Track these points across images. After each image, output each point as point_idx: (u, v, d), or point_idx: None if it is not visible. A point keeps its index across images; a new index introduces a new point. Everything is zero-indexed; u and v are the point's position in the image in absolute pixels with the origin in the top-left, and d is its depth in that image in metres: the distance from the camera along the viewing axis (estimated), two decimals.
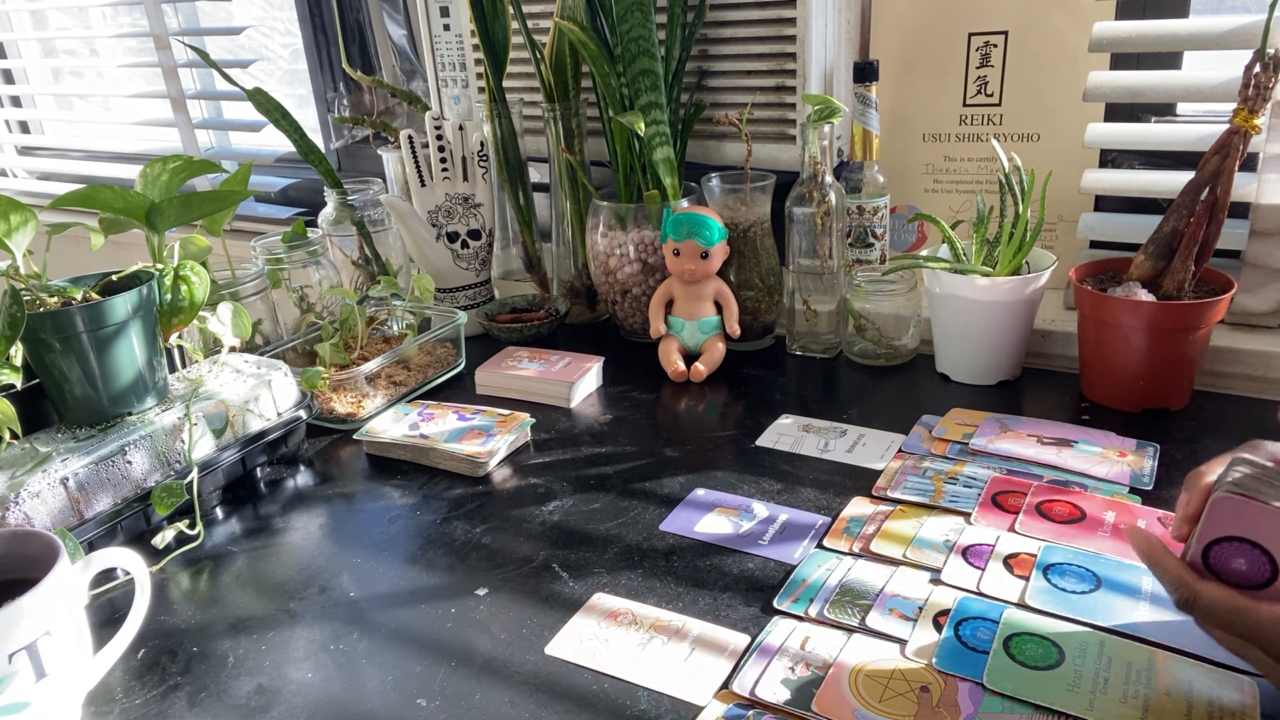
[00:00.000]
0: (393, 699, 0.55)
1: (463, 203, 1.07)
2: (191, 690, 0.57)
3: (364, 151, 1.49)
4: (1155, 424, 0.78)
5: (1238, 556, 0.48)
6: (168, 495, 0.71)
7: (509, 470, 0.80)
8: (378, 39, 1.35)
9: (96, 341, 0.70)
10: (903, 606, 0.58)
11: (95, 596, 0.67)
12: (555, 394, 0.91)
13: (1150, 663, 0.53)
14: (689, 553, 0.67)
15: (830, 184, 0.92)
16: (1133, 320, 0.78)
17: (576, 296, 1.12)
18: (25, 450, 0.69)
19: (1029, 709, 0.50)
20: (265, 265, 1.00)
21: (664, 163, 0.96)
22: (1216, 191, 0.76)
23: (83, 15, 1.86)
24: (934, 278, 0.87)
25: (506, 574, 0.66)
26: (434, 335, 0.97)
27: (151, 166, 0.80)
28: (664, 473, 0.77)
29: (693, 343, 0.96)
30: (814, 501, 0.71)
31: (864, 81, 0.94)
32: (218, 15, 1.71)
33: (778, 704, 0.52)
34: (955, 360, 0.90)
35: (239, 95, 1.04)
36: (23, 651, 0.49)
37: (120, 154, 1.82)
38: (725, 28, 1.03)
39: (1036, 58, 0.95)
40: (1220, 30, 0.82)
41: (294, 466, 0.84)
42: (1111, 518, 0.65)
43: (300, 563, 0.69)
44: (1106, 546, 0.63)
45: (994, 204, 0.90)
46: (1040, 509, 0.67)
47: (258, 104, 1.01)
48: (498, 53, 1.06)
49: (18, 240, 0.69)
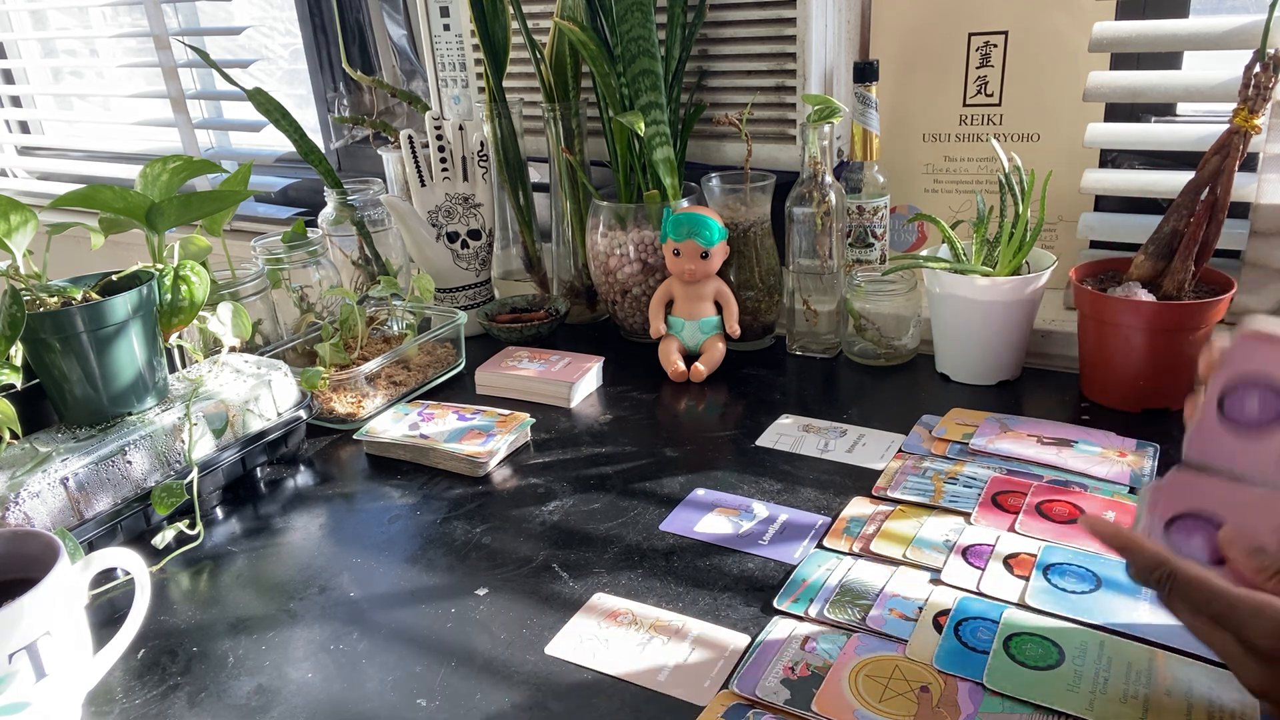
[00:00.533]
0: (393, 699, 0.55)
1: (463, 203, 1.07)
2: (191, 690, 0.57)
3: (364, 151, 1.49)
4: (1155, 424, 0.79)
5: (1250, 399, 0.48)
6: (168, 495, 0.71)
7: (509, 470, 0.80)
8: (378, 39, 1.35)
9: (96, 341, 0.70)
10: (903, 606, 0.58)
11: (95, 596, 0.67)
12: (555, 394, 0.91)
13: (1150, 663, 0.53)
14: (689, 553, 0.67)
15: (830, 184, 0.92)
16: (1133, 320, 0.78)
17: (576, 296, 1.12)
18: (25, 450, 0.69)
19: (1029, 709, 0.50)
20: (265, 265, 1.00)
21: (664, 163, 0.96)
22: (1216, 191, 0.76)
23: (83, 15, 1.86)
24: (934, 278, 0.87)
25: (506, 574, 0.66)
26: (434, 335, 0.97)
27: (151, 166, 0.80)
28: (664, 473, 0.77)
29: (693, 343, 0.96)
30: (814, 501, 0.71)
31: (864, 81, 0.94)
32: (218, 15, 1.71)
33: (778, 704, 0.52)
34: (955, 360, 0.90)
35: (239, 95, 1.04)
36: (23, 651, 0.49)
37: (120, 154, 1.82)
38: (725, 28, 1.03)
39: (1036, 58, 0.95)
40: (1220, 30, 0.82)
41: (294, 466, 0.84)
42: (1111, 518, 0.65)
43: (300, 563, 0.69)
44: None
45: (994, 204, 0.90)
46: (1040, 509, 0.67)
47: (258, 104, 1.01)
48: (498, 53, 1.06)
49: (18, 240, 0.69)
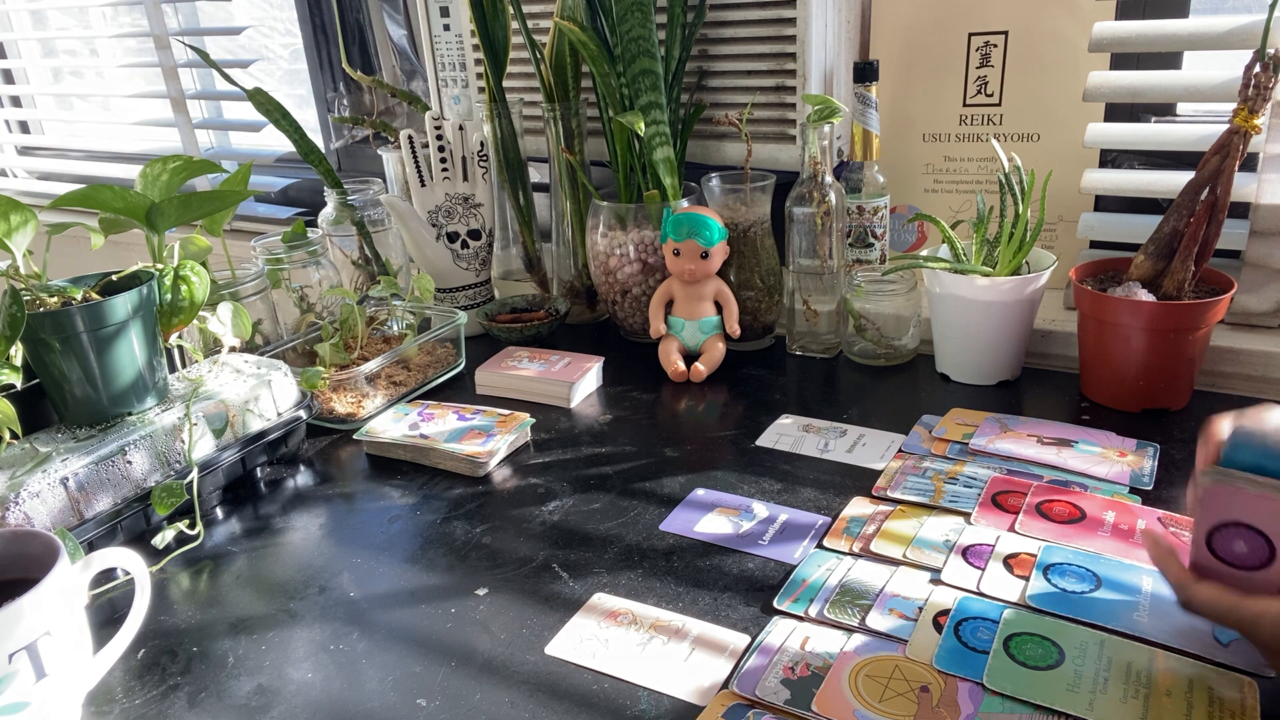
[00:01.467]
0: (393, 699, 0.55)
1: (463, 203, 1.07)
2: (191, 690, 0.57)
3: (364, 151, 1.49)
4: (1155, 424, 0.79)
5: (1237, 540, 0.50)
6: (168, 495, 0.71)
7: (509, 470, 0.80)
8: (378, 39, 1.35)
9: (96, 341, 0.70)
10: (903, 606, 0.58)
11: (95, 596, 0.67)
12: (555, 394, 0.91)
13: (1150, 663, 0.53)
14: (689, 553, 0.67)
15: (830, 184, 0.92)
16: (1133, 320, 0.78)
17: (576, 296, 1.12)
18: (25, 450, 0.69)
19: (1029, 709, 0.50)
20: (265, 265, 1.00)
21: (664, 163, 0.96)
22: (1216, 191, 0.76)
23: (83, 15, 1.86)
24: (934, 278, 0.87)
25: (506, 574, 0.66)
26: (434, 335, 0.97)
27: (151, 166, 0.80)
28: (664, 473, 0.77)
29: (693, 343, 0.96)
30: (814, 501, 0.71)
31: (864, 81, 0.94)
32: (218, 15, 1.71)
33: (778, 704, 0.52)
34: (955, 360, 0.90)
35: (239, 95, 1.04)
36: (23, 651, 0.49)
37: (120, 154, 1.82)
38: (725, 28, 1.03)
39: (1036, 58, 0.95)
40: (1220, 30, 0.82)
41: (294, 466, 0.84)
42: (1111, 518, 0.65)
43: (300, 563, 0.69)
44: (1106, 546, 0.63)
45: (994, 204, 0.90)
46: (1040, 509, 0.67)
47: (258, 104, 1.01)
48: (498, 53, 1.06)
49: (18, 240, 0.69)
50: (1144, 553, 0.61)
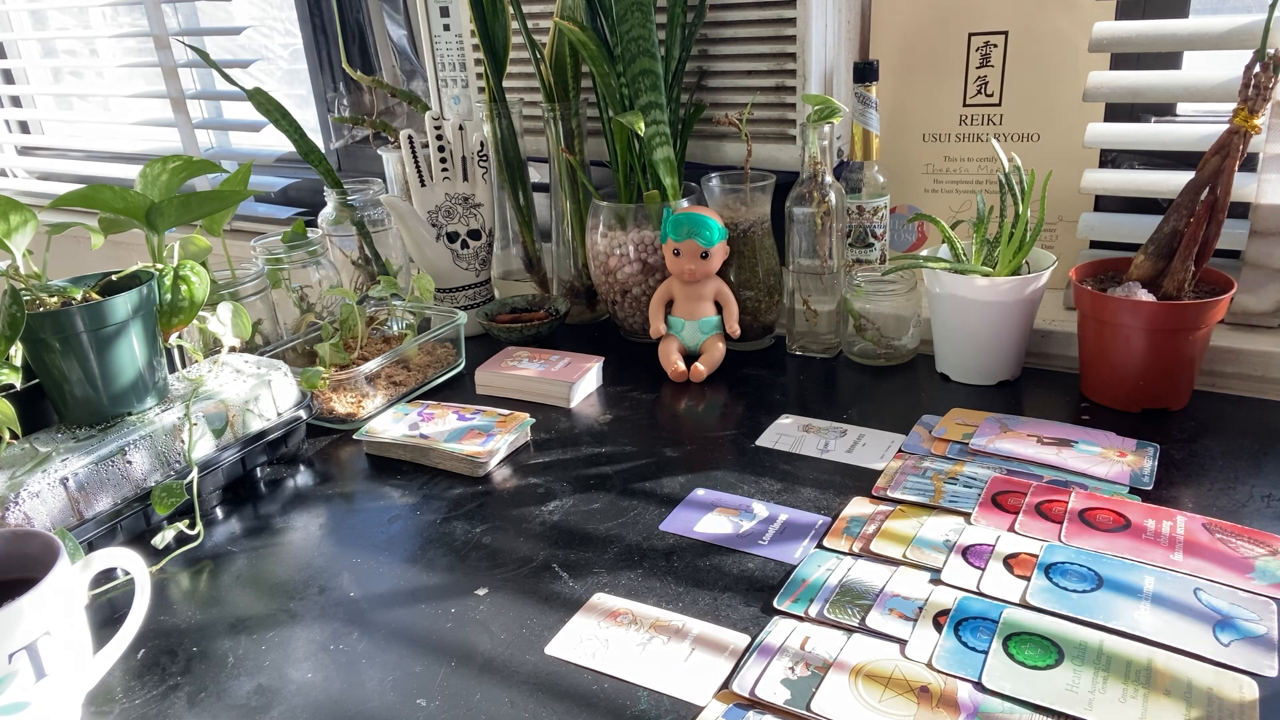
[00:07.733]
0: (393, 699, 0.55)
1: (463, 203, 1.07)
2: (191, 690, 0.57)
3: (364, 151, 1.49)
4: (1155, 424, 0.78)
5: None
6: (168, 495, 0.71)
7: (509, 470, 0.80)
8: (378, 39, 1.35)
9: (96, 341, 0.70)
10: (903, 606, 0.58)
11: (95, 596, 0.67)
12: (555, 394, 0.91)
13: (1150, 663, 0.53)
14: (689, 553, 0.67)
15: (830, 184, 0.92)
16: (1133, 320, 0.78)
17: (576, 296, 1.12)
18: (25, 450, 0.69)
19: (1028, 709, 0.50)
20: (265, 265, 1.00)
21: (664, 163, 0.96)
22: (1216, 191, 0.76)
23: (83, 15, 1.86)
24: (934, 278, 0.87)
25: (506, 574, 0.66)
26: (434, 335, 0.97)
27: (151, 166, 0.80)
28: (664, 473, 0.77)
29: (693, 343, 0.96)
30: (814, 501, 0.71)
31: (864, 81, 0.94)
32: (218, 15, 1.71)
33: (778, 704, 0.52)
34: (955, 360, 0.90)
35: (239, 95, 1.04)
36: (23, 651, 0.49)
37: (120, 154, 1.82)
38: (725, 28, 1.03)
39: (1036, 58, 0.95)
40: (1220, 30, 0.82)
41: (294, 466, 0.84)
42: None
43: (300, 563, 0.69)
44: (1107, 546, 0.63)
45: (994, 204, 0.90)
46: (1040, 509, 0.67)
47: (258, 104, 1.01)
48: (498, 53, 1.06)
49: (18, 240, 0.69)
50: (1146, 552, 0.61)
